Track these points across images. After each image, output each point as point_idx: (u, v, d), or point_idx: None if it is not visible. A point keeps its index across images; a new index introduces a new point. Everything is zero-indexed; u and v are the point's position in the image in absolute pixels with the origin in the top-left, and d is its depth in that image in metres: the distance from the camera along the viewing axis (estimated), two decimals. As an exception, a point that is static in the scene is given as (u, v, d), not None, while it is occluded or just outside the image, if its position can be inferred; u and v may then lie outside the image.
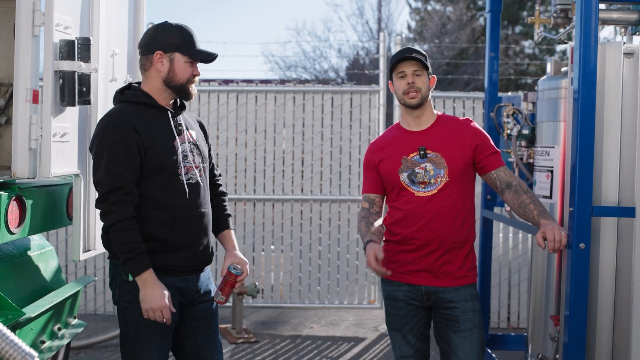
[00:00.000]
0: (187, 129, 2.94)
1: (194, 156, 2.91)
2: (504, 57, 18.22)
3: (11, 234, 2.99)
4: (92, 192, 3.36)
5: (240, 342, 5.56)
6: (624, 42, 3.25)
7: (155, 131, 2.81)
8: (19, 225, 3.05)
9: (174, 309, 2.79)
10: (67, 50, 3.03)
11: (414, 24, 21.31)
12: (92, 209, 3.39)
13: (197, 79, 2.91)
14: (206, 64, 2.96)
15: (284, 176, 6.57)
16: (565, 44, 4.05)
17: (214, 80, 6.63)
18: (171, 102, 2.92)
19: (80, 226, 3.30)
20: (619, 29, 3.77)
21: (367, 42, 20.13)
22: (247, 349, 5.41)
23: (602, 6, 3.52)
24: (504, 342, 4.59)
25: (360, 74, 15.68)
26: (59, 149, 3.06)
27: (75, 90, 3.05)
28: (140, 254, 2.71)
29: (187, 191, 2.84)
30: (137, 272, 2.71)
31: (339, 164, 6.54)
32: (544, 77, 3.90)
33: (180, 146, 2.86)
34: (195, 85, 2.91)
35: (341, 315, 6.48)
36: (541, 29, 4.18)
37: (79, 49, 3.09)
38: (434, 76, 3.18)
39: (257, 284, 5.84)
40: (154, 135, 2.79)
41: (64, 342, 3.46)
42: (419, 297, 3.11)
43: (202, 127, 3.10)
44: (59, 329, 3.45)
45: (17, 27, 2.97)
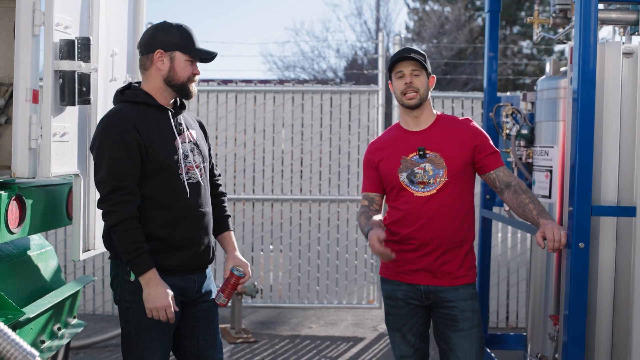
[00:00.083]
0: (188, 129, 2.94)
1: (194, 156, 2.91)
2: (502, 57, 18.22)
3: (11, 233, 2.99)
4: (91, 192, 3.36)
5: (239, 342, 5.56)
6: (623, 42, 3.26)
7: (155, 131, 2.81)
8: (19, 224, 3.05)
9: (177, 308, 2.79)
10: (67, 50, 3.03)
11: (412, 24, 21.32)
12: (92, 209, 3.39)
13: (197, 78, 2.91)
14: (205, 64, 2.96)
15: (283, 176, 6.57)
16: (564, 44, 4.05)
17: (212, 80, 6.63)
18: (171, 101, 2.92)
19: (80, 226, 3.30)
20: (617, 28, 3.78)
21: (365, 42, 20.17)
22: (246, 349, 5.41)
23: (601, 6, 3.53)
24: (503, 341, 4.60)
25: (358, 74, 15.70)
26: (59, 148, 3.06)
27: (75, 90, 3.05)
28: (143, 254, 2.71)
29: (188, 191, 2.84)
30: (140, 272, 2.72)
31: (337, 164, 6.54)
32: (543, 77, 3.91)
33: (180, 146, 2.86)
34: (195, 84, 2.91)
35: (340, 315, 6.48)
36: (540, 29, 4.18)
37: (79, 48, 3.08)
38: (434, 76, 3.18)
39: (256, 284, 5.83)
40: (154, 135, 2.79)
41: (64, 341, 3.45)
42: (419, 297, 3.12)
43: (202, 126, 3.10)
44: (59, 329, 3.45)
45: (17, 27, 2.97)
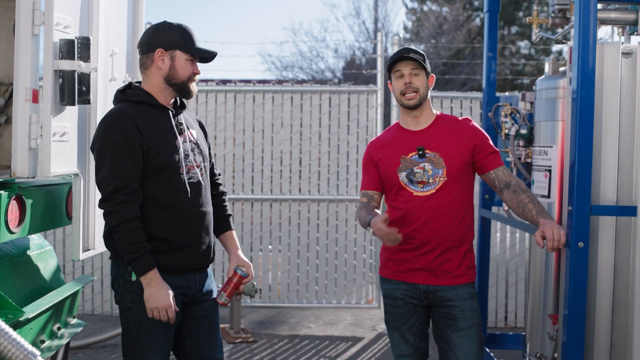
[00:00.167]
0: (188, 128, 2.95)
1: (195, 155, 2.91)
2: (500, 57, 18.21)
3: (11, 233, 2.99)
4: (91, 191, 3.36)
5: (238, 342, 5.56)
6: (622, 42, 3.26)
7: (156, 130, 2.80)
8: (18, 224, 3.05)
9: (177, 308, 2.79)
10: (67, 49, 3.02)
11: (410, 24, 21.32)
12: (92, 209, 3.39)
13: (197, 77, 2.91)
14: (204, 64, 2.96)
15: (282, 176, 6.57)
16: (563, 44, 4.06)
17: (211, 80, 6.62)
18: (172, 101, 2.92)
19: (79, 226, 3.29)
20: (616, 28, 3.78)
21: (363, 43, 20.16)
22: (245, 349, 5.41)
23: (600, 6, 3.54)
24: (502, 341, 4.60)
25: (356, 74, 15.69)
26: (59, 148, 3.06)
27: (75, 89, 3.05)
28: (144, 254, 2.71)
29: (189, 190, 2.84)
30: (141, 272, 2.71)
31: (336, 164, 6.54)
32: (542, 76, 3.91)
33: (181, 145, 2.86)
34: (195, 83, 2.91)
35: (339, 314, 6.49)
36: (539, 29, 4.18)
37: (79, 48, 3.08)
38: (433, 75, 3.18)
39: (255, 284, 5.83)
40: (155, 134, 2.79)
41: (64, 341, 3.45)
42: (418, 296, 3.12)
43: (201, 126, 3.10)
44: (59, 329, 3.45)
45: (17, 27, 2.97)
